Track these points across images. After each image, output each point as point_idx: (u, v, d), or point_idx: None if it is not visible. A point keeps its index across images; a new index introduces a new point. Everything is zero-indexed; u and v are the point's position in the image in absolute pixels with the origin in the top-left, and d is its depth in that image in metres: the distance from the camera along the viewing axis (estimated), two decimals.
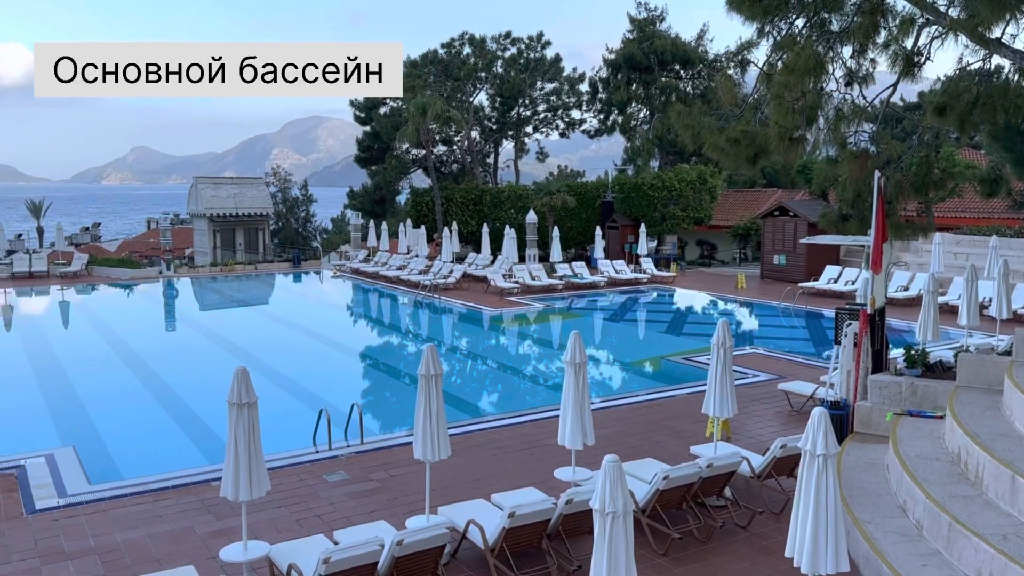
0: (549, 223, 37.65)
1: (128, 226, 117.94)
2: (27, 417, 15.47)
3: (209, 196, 43.81)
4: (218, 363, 20.96)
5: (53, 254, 38.26)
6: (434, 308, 28.66)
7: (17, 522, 10.00)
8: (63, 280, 34.55)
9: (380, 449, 12.88)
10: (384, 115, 49.21)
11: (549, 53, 49.38)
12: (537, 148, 53.50)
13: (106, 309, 30.26)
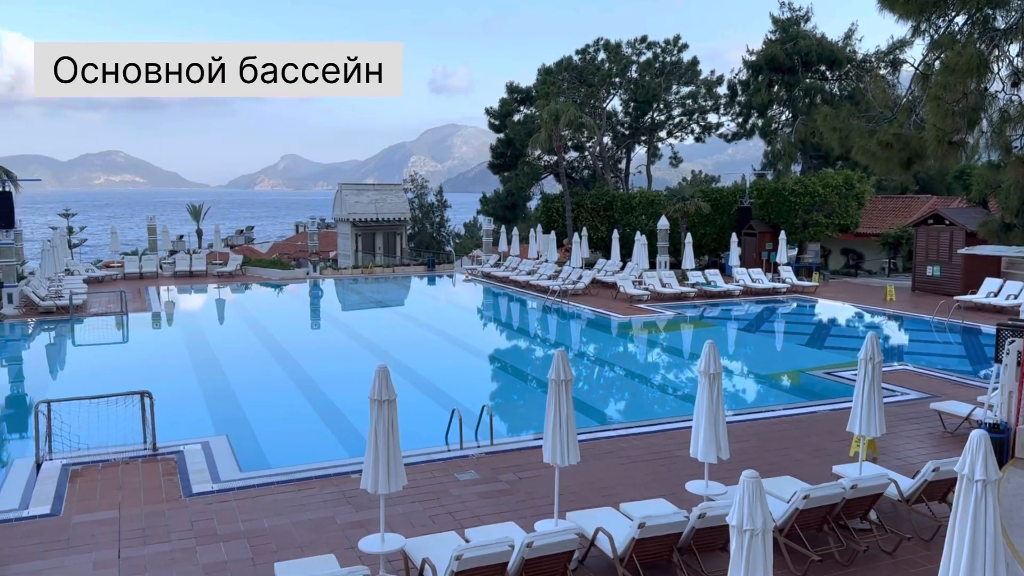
0: (682, 229, 36.95)
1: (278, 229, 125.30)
2: (186, 406, 16.69)
3: (352, 202, 45.84)
4: (358, 360, 21.90)
5: (211, 254, 41.16)
6: (562, 313, 28.74)
7: (176, 504, 10.82)
8: (219, 279, 37.09)
9: (509, 451, 13.05)
10: (518, 122, 49.87)
11: (686, 56, 48.55)
12: (671, 153, 52.66)
13: (258, 307, 32.27)
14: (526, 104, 50.48)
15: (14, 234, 28.88)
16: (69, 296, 27.10)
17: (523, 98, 50.60)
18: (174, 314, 29.54)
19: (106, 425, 13.15)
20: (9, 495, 11.11)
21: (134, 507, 10.62)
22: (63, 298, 27.29)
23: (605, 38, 48.38)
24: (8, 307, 26.68)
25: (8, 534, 9.73)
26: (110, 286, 33.03)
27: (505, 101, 51.07)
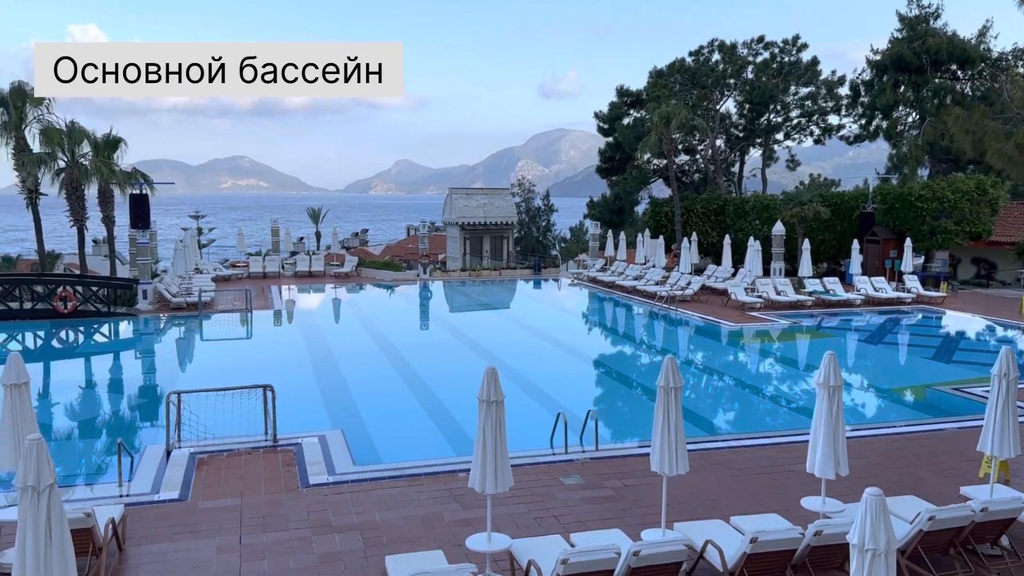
0: (799, 235, 35.65)
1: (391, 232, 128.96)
2: (304, 400, 17.39)
3: (461, 206, 46.66)
4: (465, 361, 22.25)
5: (328, 256, 42.80)
6: (670, 320, 28.26)
7: (294, 494, 11.30)
8: (336, 279, 38.50)
9: (614, 457, 12.94)
10: (627, 126, 49.44)
11: (805, 56, 46.87)
12: (787, 156, 50.94)
13: (371, 307, 33.32)
14: (636, 107, 49.98)
15: (150, 234, 30.92)
16: (198, 293, 28.78)
17: (633, 101, 50.12)
18: (294, 312, 30.87)
19: (231, 416, 13.88)
20: (143, 480, 11.89)
21: (255, 495, 11.17)
22: (193, 295, 29.00)
23: (720, 39, 47.34)
24: (143, 303, 28.58)
25: (141, 516, 10.41)
26: (236, 284, 34.86)
27: (615, 104, 50.74)
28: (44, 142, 31.53)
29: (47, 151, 31.43)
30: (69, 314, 26.72)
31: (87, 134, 32.23)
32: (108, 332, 26.58)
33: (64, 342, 25.24)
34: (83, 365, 23.24)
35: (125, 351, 25.46)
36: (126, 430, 16.67)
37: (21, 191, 32.30)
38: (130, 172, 32.36)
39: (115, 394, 19.96)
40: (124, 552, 9.38)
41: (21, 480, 6.37)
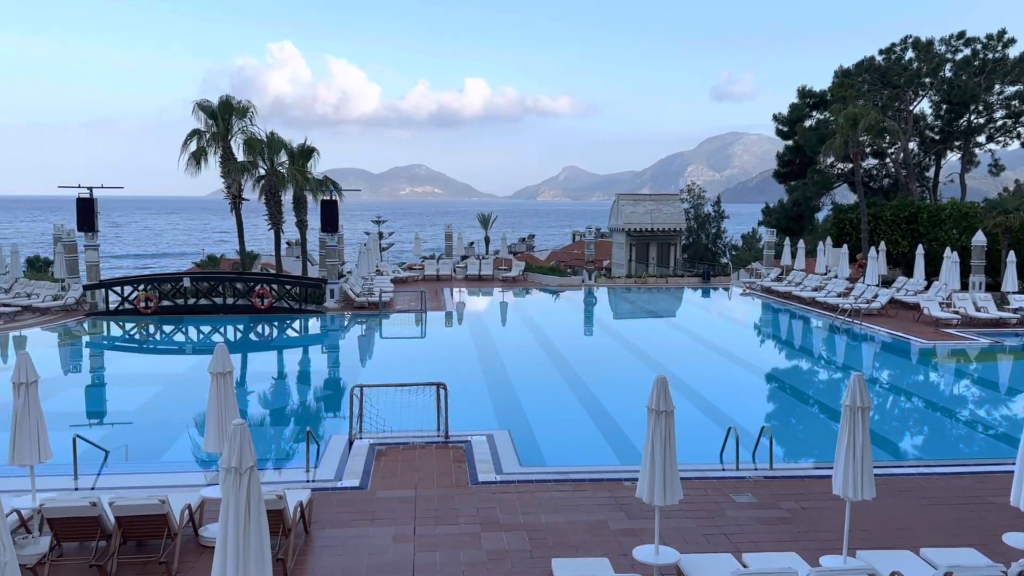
0: (1003, 247, 32.43)
1: (557, 238, 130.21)
2: (474, 399, 17.90)
3: (628, 212, 46.29)
4: (630, 368, 22.04)
5: (497, 260, 43.85)
6: (853, 334, 26.56)
7: (464, 490, 11.65)
8: (503, 283, 39.39)
9: (790, 477, 12.34)
10: (808, 128, 47.10)
11: (1012, 52, 42.61)
12: (990, 160, 46.51)
13: (536, 311, 33.79)
14: (819, 109, 47.49)
15: (338, 237, 33.00)
16: (379, 294, 30.40)
17: (816, 102, 47.66)
18: (464, 314, 31.88)
19: (407, 411, 14.54)
20: (327, 467, 12.69)
21: (428, 489, 11.62)
22: (374, 295, 30.67)
23: (914, 36, 44.05)
24: (330, 301, 30.56)
25: (326, 501, 11.11)
26: (412, 286, 36.50)
27: (796, 106, 48.47)
28: (247, 151, 34.48)
29: (249, 160, 34.35)
30: (265, 310, 29.05)
31: (284, 144, 34.90)
32: (299, 327, 28.66)
33: (260, 336, 27.46)
34: (276, 357, 25.19)
35: (313, 345, 27.36)
36: (313, 419, 17.89)
37: (226, 196, 35.50)
38: (322, 180, 34.72)
39: (303, 385, 21.47)
40: (310, 534, 10.06)
41: (225, 461, 6.97)
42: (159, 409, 18.13)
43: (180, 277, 31.17)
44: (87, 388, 20.94)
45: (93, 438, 13.64)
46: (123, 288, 29.21)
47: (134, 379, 21.34)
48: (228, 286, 30.11)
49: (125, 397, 19.56)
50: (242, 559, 6.31)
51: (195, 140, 34.79)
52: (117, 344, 26.46)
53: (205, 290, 29.85)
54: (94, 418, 17.92)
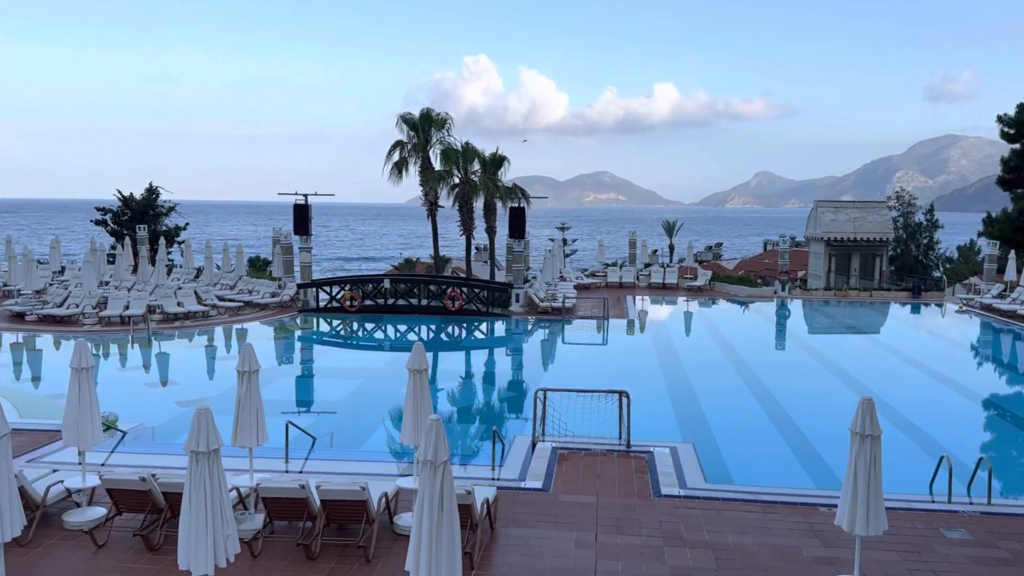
0: None
1: (746, 246, 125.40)
2: (656, 409, 17.60)
3: (828, 220, 43.70)
4: (827, 387, 20.78)
5: (682, 268, 42.94)
6: None
7: (646, 501, 11.49)
8: (688, 292, 38.48)
9: (1012, 515, 11.10)
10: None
11: None
12: None
13: (724, 322, 32.71)
14: None
15: (524, 243, 33.76)
16: (562, 299, 30.74)
17: None
18: (647, 322, 31.50)
19: (589, 417, 14.57)
20: (511, 467, 12.99)
21: (610, 496, 11.58)
22: (557, 300, 31.06)
23: None
24: (515, 305, 31.30)
25: (510, 500, 11.37)
26: (594, 292, 36.59)
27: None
28: (444, 161, 36.15)
29: (446, 169, 35.99)
30: (455, 312, 30.27)
31: (478, 153, 36.27)
32: (486, 329, 29.61)
33: (450, 336, 28.65)
34: (464, 357, 26.17)
35: (499, 348, 28.15)
36: (497, 419, 18.41)
37: (424, 203, 37.42)
38: (511, 187, 35.69)
39: (488, 385, 22.15)
40: (495, 531, 10.34)
41: (421, 454, 7.32)
42: (360, 401, 19.40)
43: (381, 279, 33.20)
44: (297, 378, 22.80)
45: (302, 425, 14.81)
46: (331, 287, 31.56)
47: (338, 372, 23.00)
48: (423, 288, 31.67)
49: (330, 388, 21.13)
50: (434, 549, 6.60)
51: (398, 151, 36.98)
52: (324, 339, 28.63)
53: (402, 291, 31.59)
54: (303, 406, 19.48)
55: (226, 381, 19.10)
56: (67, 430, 10.93)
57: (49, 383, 20.19)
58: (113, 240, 41.93)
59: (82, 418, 10.79)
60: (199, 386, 20.79)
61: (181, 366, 23.21)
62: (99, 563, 9.42)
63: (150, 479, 9.93)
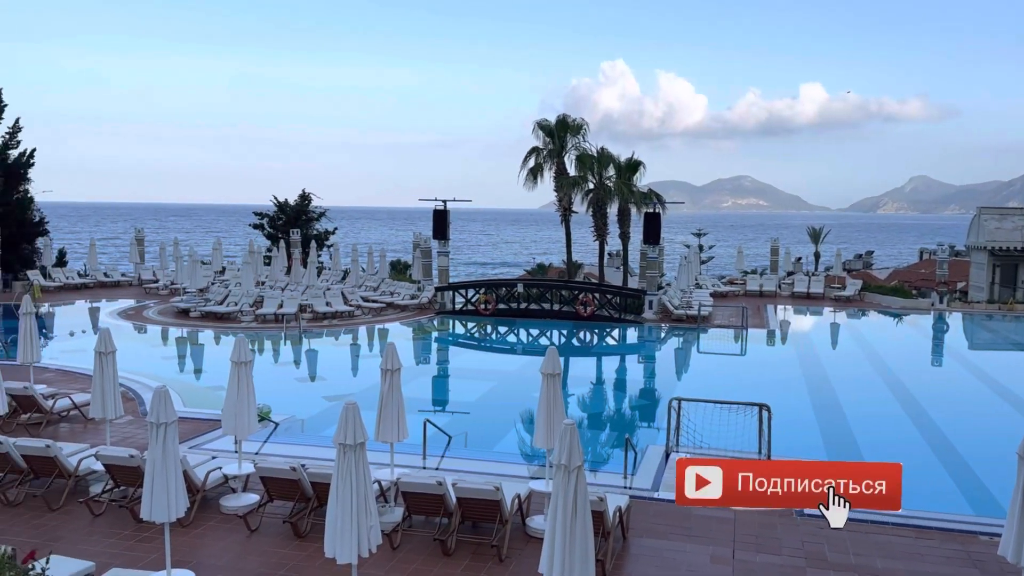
0: None
1: (899, 255, 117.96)
2: (799, 425, 16.85)
3: (992, 228, 40.43)
4: (988, 407, 19.26)
5: (829, 277, 40.90)
6: None
7: (788, 520, 11.02)
8: (836, 303, 36.60)
9: None
10: None
11: None
12: None
13: (874, 335, 30.91)
14: None
15: (658, 249, 33.26)
16: (698, 307, 30.04)
17: None
18: (789, 333, 30.24)
19: (725, 429, 14.14)
20: (644, 476, 12.81)
21: (748, 513, 11.19)
22: (692, 308, 30.38)
23: None
24: (648, 312, 30.87)
25: (642, 511, 11.22)
26: (732, 301, 35.52)
27: None
28: (578, 166, 36.22)
29: (580, 174, 36.04)
30: (587, 317, 30.21)
31: (613, 159, 36.10)
32: (617, 336, 29.38)
33: (582, 341, 28.62)
34: (595, 363, 26.08)
35: (630, 355, 27.86)
36: (628, 426, 18.22)
37: (557, 209, 37.62)
38: (645, 192, 35.28)
39: (620, 393, 21.96)
40: (627, 540, 10.23)
41: (556, 458, 7.36)
42: (493, 402, 19.74)
43: (514, 283, 33.65)
44: (434, 378, 23.47)
45: (439, 423, 15.23)
46: (467, 291, 32.30)
47: (473, 373, 23.49)
48: (555, 293, 31.83)
49: (465, 389, 21.62)
50: (568, 553, 6.61)
51: (533, 157, 37.38)
52: (460, 340, 29.33)
53: (535, 295, 31.87)
54: (438, 405, 20.02)
55: (369, 378, 19.94)
56: (226, 419, 11.75)
57: (209, 375, 21.76)
58: (269, 243, 44.67)
59: (240, 409, 11.56)
60: (344, 382, 21.81)
61: (328, 362, 24.42)
62: (252, 546, 10.05)
63: (300, 469, 10.50)
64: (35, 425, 14.86)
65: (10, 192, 37.86)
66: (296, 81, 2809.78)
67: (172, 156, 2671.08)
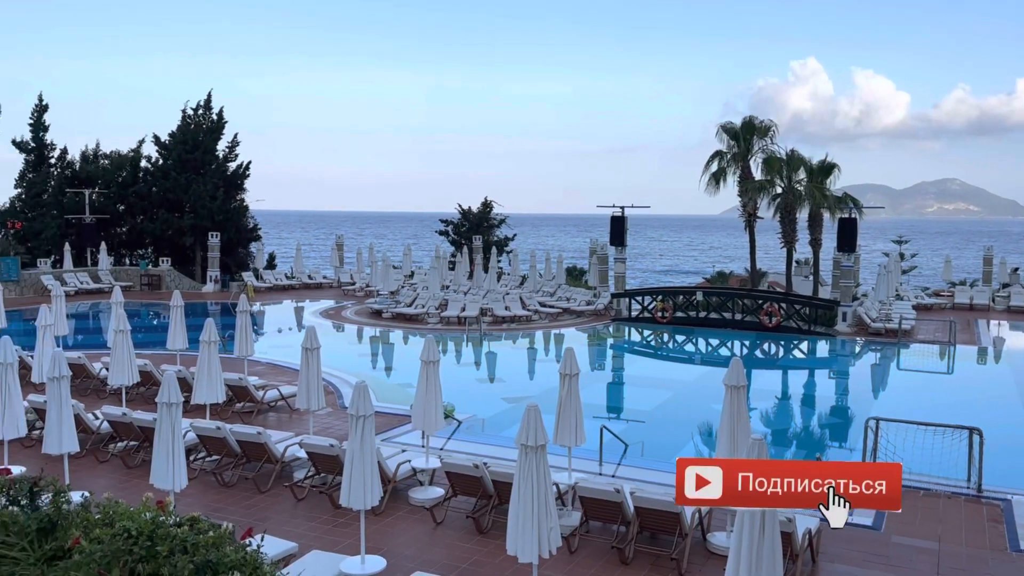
0: None
1: None
2: (1016, 451, 15.25)
3: None
4: None
5: None
6: None
7: (1001, 555, 9.98)
8: None
9: None
10: None
11: None
12: None
13: None
14: None
15: (854, 258, 31.22)
16: (898, 320, 27.87)
17: None
18: (1004, 351, 27.38)
19: (928, 453, 13.02)
20: None
21: (954, 545, 10.25)
22: (892, 321, 28.23)
23: None
24: (842, 324, 29.01)
25: (834, 534, 10.52)
26: (938, 315, 32.65)
27: None
28: (765, 170, 34.77)
29: (767, 178, 34.59)
30: (772, 328, 28.90)
31: (804, 161, 34.33)
32: (806, 349, 27.87)
33: (766, 353, 27.43)
34: (781, 377, 24.90)
35: (820, 369, 26.36)
36: (817, 445, 17.24)
37: (741, 214, 36.31)
38: (840, 197, 33.23)
39: (808, 409, 20.82)
40: (817, 565, 9.69)
41: None
42: (670, 412, 19.38)
43: (693, 291, 32.85)
44: (609, 385, 23.40)
45: (615, 430, 15.16)
46: (643, 298, 31.95)
47: (649, 381, 23.19)
48: (737, 302, 30.73)
49: (641, 397, 21.38)
50: (754, 573, 6.36)
51: (716, 161, 36.37)
52: (636, 348, 29.06)
53: (715, 304, 30.95)
54: (613, 412, 19.93)
55: (545, 381, 20.24)
56: (416, 415, 12.36)
57: (398, 372, 22.97)
58: (453, 248, 46.55)
59: (428, 405, 12.13)
60: (522, 384, 22.26)
61: (506, 365, 25.05)
62: (437, 538, 10.50)
63: (482, 467, 10.84)
64: (247, 413, 16.35)
65: (229, 201, 42.06)
66: (481, 92, 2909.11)
67: (368, 166, 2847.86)
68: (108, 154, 43.83)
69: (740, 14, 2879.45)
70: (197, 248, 41.16)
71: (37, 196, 41.22)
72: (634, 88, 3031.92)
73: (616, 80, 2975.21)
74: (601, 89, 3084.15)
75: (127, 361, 15.38)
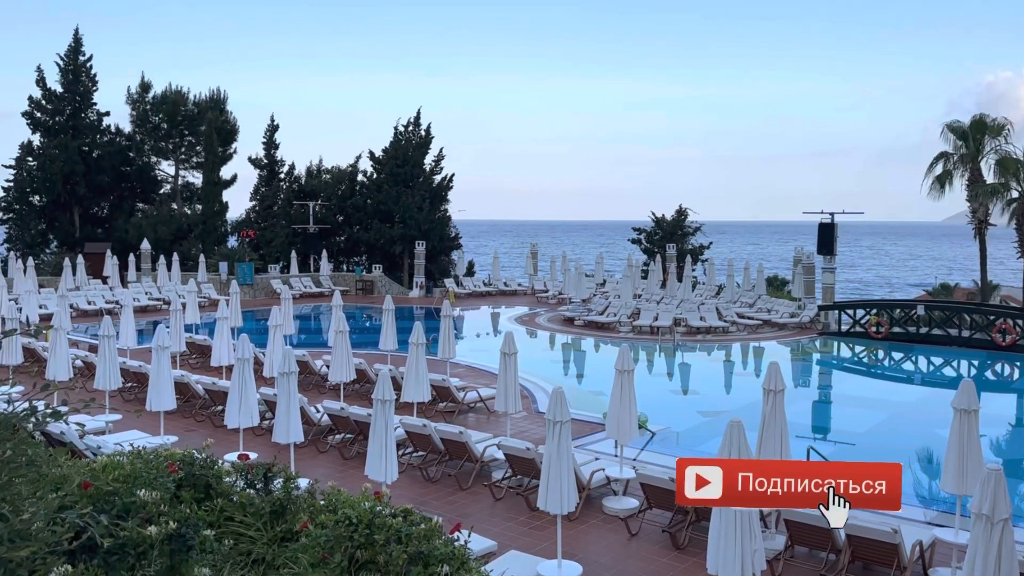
0: None
1: None
2: None
3: None
4: None
5: None
6: None
7: None
8: None
9: None
10: None
11: None
12: None
13: None
14: None
15: None
16: None
17: None
18: None
19: None
20: None
21: None
22: None
23: None
24: None
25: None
26: None
27: None
28: (999, 172, 31.40)
29: (1001, 181, 31.22)
30: (1007, 347, 25.95)
31: None
32: None
33: (998, 375, 24.69)
34: (1016, 401, 22.32)
35: None
36: None
37: (970, 221, 32.99)
38: None
39: None
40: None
41: (976, 506, 6.45)
42: (885, 436, 17.95)
43: (913, 304, 30.24)
44: (814, 403, 22.07)
45: (823, 452, 14.27)
46: (855, 311, 29.85)
47: (861, 401, 21.61)
48: (964, 317, 27.91)
49: (852, 418, 19.97)
50: None
51: (940, 163, 33.36)
52: (846, 365, 27.21)
53: (939, 319, 28.29)
54: (819, 432, 18.77)
55: (743, 396, 19.49)
56: (610, 424, 12.34)
57: (589, 380, 23.05)
58: (646, 257, 46.07)
59: (622, 414, 12.07)
60: (718, 398, 21.56)
61: (701, 377, 24.36)
62: (631, 550, 10.40)
63: None
64: (449, 413, 17.10)
65: (434, 212, 44.39)
66: (675, 100, 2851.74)
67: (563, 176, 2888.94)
68: (329, 169, 47.84)
69: (967, 6, 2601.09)
70: (405, 256, 43.77)
71: (268, 208, 45.76)
72: (835, 87, 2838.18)
73: (823, 79, 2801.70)
74: (805, 90, 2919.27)
75: (345, 359, 16.64)
